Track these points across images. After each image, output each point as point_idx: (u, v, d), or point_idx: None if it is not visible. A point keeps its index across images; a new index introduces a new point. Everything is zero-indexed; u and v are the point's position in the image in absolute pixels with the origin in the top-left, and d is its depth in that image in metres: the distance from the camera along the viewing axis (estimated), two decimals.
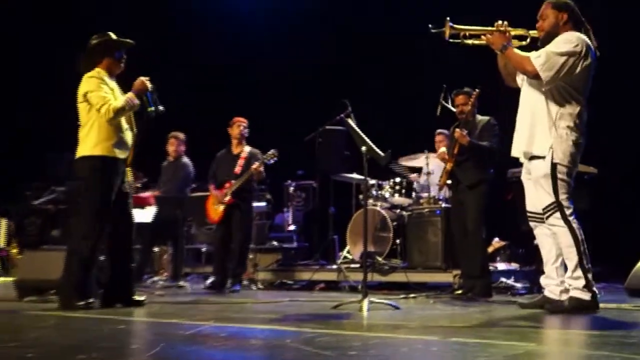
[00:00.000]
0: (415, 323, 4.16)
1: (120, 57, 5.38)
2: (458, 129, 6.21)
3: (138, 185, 7.87)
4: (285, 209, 9.58)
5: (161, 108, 5.30)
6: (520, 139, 4.77)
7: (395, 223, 7.61)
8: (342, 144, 7.91)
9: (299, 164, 9.53)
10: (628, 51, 7.92)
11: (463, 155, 6.26)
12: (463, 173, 6.32)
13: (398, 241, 7.53)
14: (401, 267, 7.25)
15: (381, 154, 5.15)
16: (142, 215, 7.68)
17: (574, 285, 4.53)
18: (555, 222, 4.57)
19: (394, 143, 8.07)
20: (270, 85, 10.95)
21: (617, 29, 7.51)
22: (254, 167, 7.22)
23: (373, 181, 7.97)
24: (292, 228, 9.36)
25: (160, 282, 8.11)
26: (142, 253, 7.78)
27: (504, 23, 4.73)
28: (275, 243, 8.94)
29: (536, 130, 4.65)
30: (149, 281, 8.11)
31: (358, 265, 7.47)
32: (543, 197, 4.62)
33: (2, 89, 10.99)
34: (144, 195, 8.06)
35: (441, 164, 6.80)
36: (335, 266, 7.65)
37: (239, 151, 7.53)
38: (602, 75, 4.75)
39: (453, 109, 6.49)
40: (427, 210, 7.29)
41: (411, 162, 8.17)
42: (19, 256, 8.78)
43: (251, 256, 8.00)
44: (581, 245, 4.50)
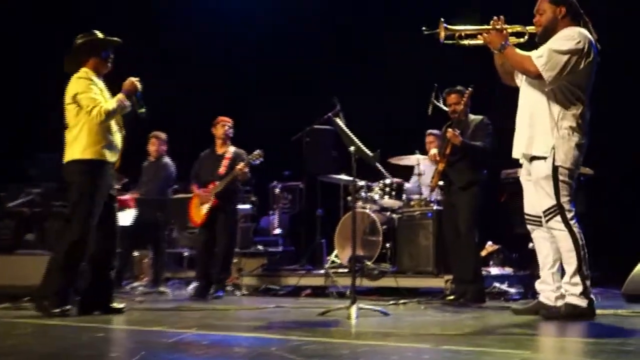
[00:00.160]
0: (405, 330, 4.17)
1: (107, 57, 5.38)
2: (450, 129, 6.22)
3: (117, 186, 7.82)
4: (270, 212, 9.54)
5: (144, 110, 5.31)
6: (520, 140, 4.77)
7: (385, 226, 7.61)
8: (330, 144, 7.90)
9: (285, 165, 9.49)
10: (626, 46, 7.94)
11: (455, 155, 6.27)
12: (455, 174, 6.34)
13: (388, 245, 7.52)
14: (391, 272, 7.23)
15: (370, 154, 5.16)
16: (122, 217, 7.54)
17: (571, 291, 4.53)
18: (555, 226, 4.58)
19: (384, 143, 8.16)
20: (255, 83, 10.94)
21: (614, 24, 7.52)
22: (239, 168, 7.19)
23: (362, 182, 7.96)
24: (278, 231, 9.32)
25: (140, 288, 8.06)
26: (122, 257, 7.67)
27: (500, 19, 4.73)
28: (260, 247, 8.92)
29: (537, 130, 4.64)
30: (129, 287, 8.07)
31: (346, 270, 7.45)
32: (544, 200, 4.62)
33: None
34: (124, 197, 8.01)
35: (432, 165, 6.81)
36: (322, 271, 7.63)
37: (223, 151, 7.50)
38: (598, 71, 4.74)
39: (445, 108, 6.50)
40: (418, 212, 7.29)
41: (401, 163, 8.17)
42: None
43: (235, 260, 7.98)
44: (581, 250, 4.51)
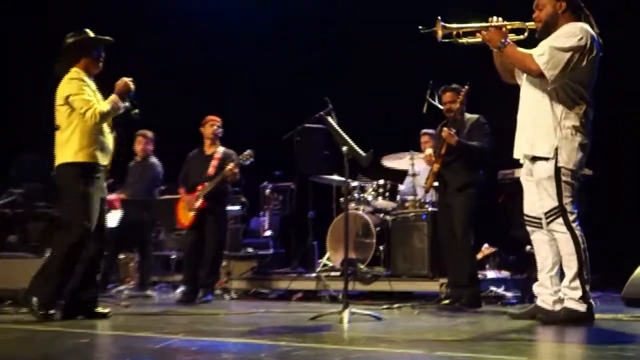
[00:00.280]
0: (399, 336, 4.16)
1: (98, 56, 5.38)
2: (446, 128, 6.21)
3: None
4: (261, 213, 9.52)
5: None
6: (522, 140, 4.77)
7: (378, 228, 7.60)
8: (322, 143, 7.89)
9: (276, 165, 9.46)
10: (626, 41, 7.94)
11: (451, 155, 6.27)
12: (451, 175, 6.33)
13: (381, 247, 7.52)
14: (384, 275, 7.23)
15: (363, 154, 5.15)
16: (107, 219, 7.60)
17: (570, 295, 4.53)
18: (557, 228, 4.57)
19: (377, 142, 8.15)
20: (245, 81, 10.92)
21: (614, 19, 7.51)
22: (229, 169, 7.18)
23: (355, 183, 7.96)
24: (269, 233, 9.31)
25: (126, 292, 8.03)
26: (107, 260, 7.66)
27: (499, 18, 4.72)
28: (250, 249, 8.90)
29: (539, 130, 4.63)
30: (114, 291, 8.03)
31: (339, 273, 7.45)
32: (545, 201, 4.62)
33: None
34: (109, 197, 7.97)
35: (427, 165, 6.79)
36: (314, 274, 7.63)
37: (212, 151, 7.49)
38: (599, 68, 4.72)
39: (440, 107, 6.50)
40: (413, 214, 7.28)
41: (395, 166, 8.18)
42: None
43: (224, 263, 7.96)
44: (583, 254, 4.50)
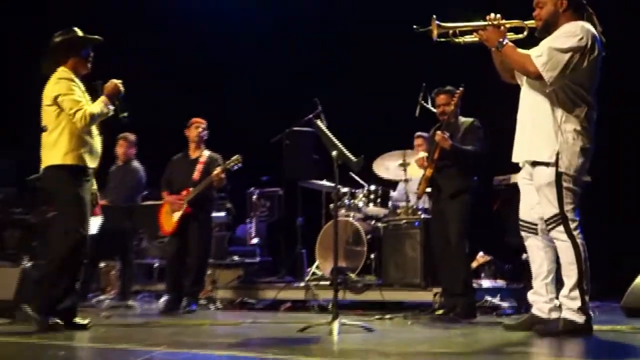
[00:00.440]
0: (391, 348, 4.15)
1: (87, 56, 5.39)
2: (439, 132, 6.21)
3: None
4: (247, 220, 9.51)
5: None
6: (521, 144, 4.77)
7: (369, 236, 7.61)
8: (312, 147, 7.90)
9: (263, 170, 9.48)
10: (626, 41, 7.97)
11: (444, 160, 6.26)
12: (444, 180, 6.33)
13: (372, 256, 7.54)
14: (376, 285, 7.24)
15: (353, 159, 5.14)
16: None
17: (568, 305, 4.52)
18: (558, 236, 4.57)
19: (377, 142, 8.17)
20: (233, 83, 10.91)
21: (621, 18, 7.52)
22: (215, 174, 7.16)
23: (345, 189, 7.96)
24: (256, 241, 9.29)
25: (106, 302, 7.97)
26: (87, 268, 7.63)
27: (497, 16, 4.72)
28: (236, 257, 8.86)
29: (539, 134, 4.63)
30: (94, 300, 7.99)
31: (328, 282, 7.44)
32: (546, 208, 4.61)
33: None
34: None
35: (420, 171, 6.79)
36: (302, 284, 7.62)
37: (197, 155, 7.47)
38: (602, 68, 4.70)
39: (433, 110, 6.51)
40: (405, 221, 7.28)
41: (386, 172, 8.11)
42: None
43: (209, 272, 7.93)
44: (583, 264, 4.49)
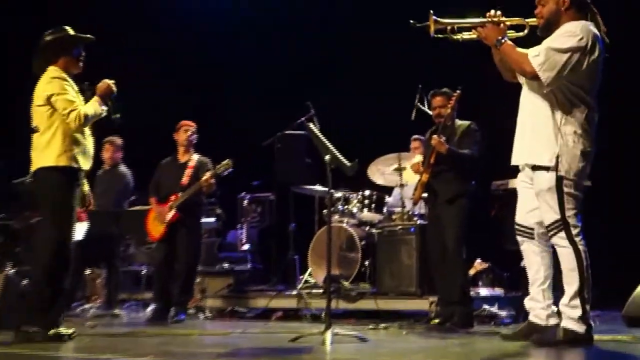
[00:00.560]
0: (385, 358, 4.15)
1: (78, 55, 5.39)
2: (435, 136, 6.21)
3: None
4: (238, 226, 9.52)
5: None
6: (521, 147, 4.76)
7: (363, 242, 7.61)
8: (304, 151, 7.89)
9: (255, 174, 9.47)
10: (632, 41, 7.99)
11: (441, 165, 6.26)
12: (441, 185, 6.33)
13: (367, 263, 7.53)
14: (370, 293, 7.23)
15: (347, 164, 5.13)
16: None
17: (569, 314, 4.51)
18: (559, 242, 4.55)
19: (368, 147, 8.17)
20: (223, 85, 10.94)
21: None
22: (205, 179, 7.16)
23: (339, 194, 7.95)
24: (246, 247, 9.29)
25: (92, 310, 7.96)
26: (72, 276, 7.62)
27: (497, 13, 4.71)
28: (226, 265, 8.84)
29: (539, 137, 4.62)
30: (79, 309, 7.97)
31: (321, 290, 7.43)
32: (547, 214, 4.60)
33: None
34: None
35: (416, 175, 6.79)
36: (295, 292, 7.60)
37: (186, 159, 7.47)
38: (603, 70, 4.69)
39: (430, 112, 6.50)
40: (400, 227, 7.28)
41: (381, 178, 8.10)
42: None
43: (198, 280, 7.92)
44: (585, 271, 4.47)
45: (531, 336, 4.73)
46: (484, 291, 7.27)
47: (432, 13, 4.74)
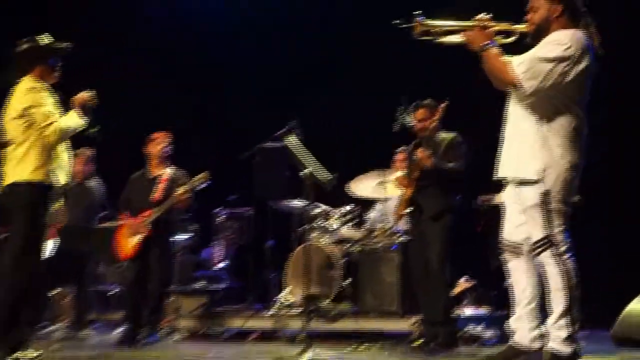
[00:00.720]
0: None
1: (54, 65, 5.38)
2: (420, 149, 6.18)
3: None
4: (214, 242, 9.46)
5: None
6: (506, 159, 4.73)
7: (344, 260, 7.56)
8: (284, 164, 7.86)
9: (232, 188, 9.44)
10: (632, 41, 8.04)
11: (425, 179, 6.24)
12: (425, 200, 6.32)
13: (347, 281, 7.47)
14: (351, 313, 7.20)
15: (326, 178, 5.11)
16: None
17: (555, 335, 4.47)
18: (546, 260, 4.51)
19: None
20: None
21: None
22: (179, 194, 7.10)
23: (319, 209, 7.92)
24: (222, 265, 9.25)
25: (59, 332, 7.87)
26: (38, 296, 7.55)
27: (486, 17, 4.68)
28: (200, 283, 8.79)
29: (525, 149, 4.57)
30: (46, 330, 7.87)
31: (300, 310, 7.38)
32: (533, 230, 4.55)
33: None
34: None
35: (399, 190, 6.77)
36: (272, 312, 7.55)
37: (159, 173, 7.39)
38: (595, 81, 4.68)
39: (413, 125, 6.48)
40: (382, 244, 7.27)
41: (363, 191, 8.07)
42: None
43: (172, 299, 7.86)
44: (573, 290, 4.44)
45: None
46: (469, 310, 7.26)
47: (417, 14, 4.72)
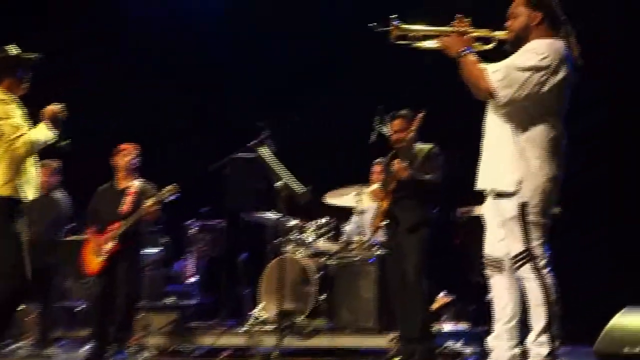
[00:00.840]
0: None
1: (22, 77, 5.34)
2: (397, 160, 6.19)
3: None
4: (185, 256, 9.39)
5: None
6: (484, 170, 4.71)
7: (319, 274, 7.53)
8: (257, 175, 7.84)
9: (203, 200, 9.39)
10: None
11: (402, 191, 6.24)
12: (402, 213, 6.34)
13: (323, 297, 7.45)
14: (326, 329, 7.19)
15: (300, 190, 5.10)
16: None
17: (536, 352, 4.45)
18: (525, 275, 4.48)
19: (319, 176, 8.15)
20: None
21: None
22: (147, 206, 7.07)
23: (293, 222, 7.90)
24: (194, 280, 9.18)
25: (23, 350, 7.78)
26: None
27: (464, 22, 4.64)
28: (171, 299, 8.72)
29: (502, 161, 4.55)
30: (8, 349, 7.76)
31: (273, 326, 7.32)
32: (512, 244, 4.52)
33: None
34: None
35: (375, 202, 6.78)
36: (245, 328, 7.50)
37: (126, 186, 7.35)
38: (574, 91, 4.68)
39: (390, 135, 6.49)
40: (359, 258, 7.27)
41: (339, 202, 8.12)
42: None
43: (141, 315, 7.77)
44: (553, 305, 4.41)
45: None
46: (448, 326, 7.28)
47: (394, 18, 4.70)
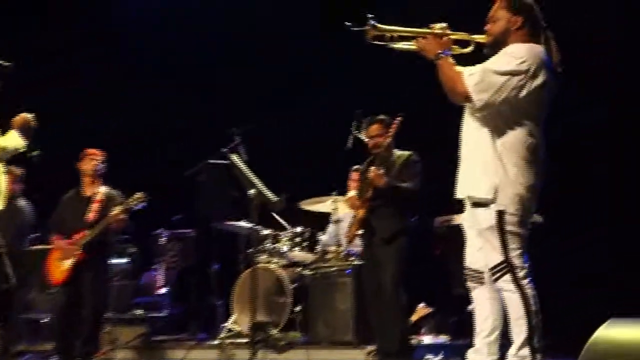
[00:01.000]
0: None
1: None
2: (374, 168, 6.17)
3: None
4: (154, 266, 9.38)
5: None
6: (462, 179, 4.70)
7: (294, 285, 7.53)
8: (230, 183, 7.82)
9: (174, 208, 9.38)
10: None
11: (378, 199, 6.23)
12: (379, 222, 6.34)
13: (298, 309, 7.45)
14: (301, 343, 7.18)
15: (273, 198, 5.08)
16: None
17: None
18: (504, 287, 4.46)
19: (294, 184, 8.14)
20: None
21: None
22: (114, 214, 7.02)
23: (267, 231, 7.87)
24: (163, 291, 9.17)
25: None
26: None
27: (442, 25, 4.64)
28: (139, 311, 8.69)
29: (479, 168, 4.54)
30: None
31: (246, 340, 7.25)
32: (490, 255, 4.51)
33: None
34: None
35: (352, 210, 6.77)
36: (216, 341, 7.46)
37: (92, 193, 7.31)
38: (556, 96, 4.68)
39: (367, 141, 6.48)
40: (335, 269, 7.26)
41: (315, 209, 8.12)
42: None
43: (107, 328, 7.74)
44: (534, 317, 4.39)
45: None
46: (427, 339, 7.27)
47: (371, 18, 4.69)
